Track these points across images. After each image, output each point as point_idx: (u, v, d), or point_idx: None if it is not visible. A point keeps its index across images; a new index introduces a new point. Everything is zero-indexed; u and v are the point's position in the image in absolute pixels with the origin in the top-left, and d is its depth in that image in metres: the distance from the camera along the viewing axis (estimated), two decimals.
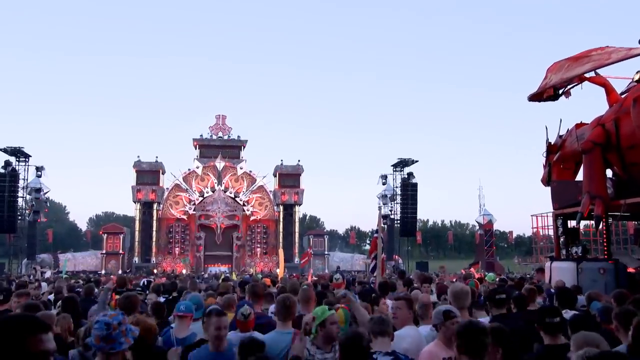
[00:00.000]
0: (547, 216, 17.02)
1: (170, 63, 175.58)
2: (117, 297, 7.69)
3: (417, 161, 47.54)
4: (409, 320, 4.89)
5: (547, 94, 14.38)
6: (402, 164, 47.92)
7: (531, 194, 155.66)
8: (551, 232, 16.24)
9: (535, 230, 19.87)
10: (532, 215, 18.02)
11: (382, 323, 4.07)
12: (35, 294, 9.30)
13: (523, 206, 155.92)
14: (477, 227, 56.98)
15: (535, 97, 14.65)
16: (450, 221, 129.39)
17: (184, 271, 40.50)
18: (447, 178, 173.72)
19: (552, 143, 15.71)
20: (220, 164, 50.55)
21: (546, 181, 15.60)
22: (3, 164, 40.86)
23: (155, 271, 38.57)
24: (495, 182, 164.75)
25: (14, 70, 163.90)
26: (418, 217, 50.42)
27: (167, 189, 50.58)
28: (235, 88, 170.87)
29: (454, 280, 14.90)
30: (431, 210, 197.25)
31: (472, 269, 35.92)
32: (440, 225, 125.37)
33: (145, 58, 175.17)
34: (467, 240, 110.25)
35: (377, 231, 11.43)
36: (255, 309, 6.29)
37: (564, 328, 4.52)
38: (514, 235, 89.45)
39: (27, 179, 42.67)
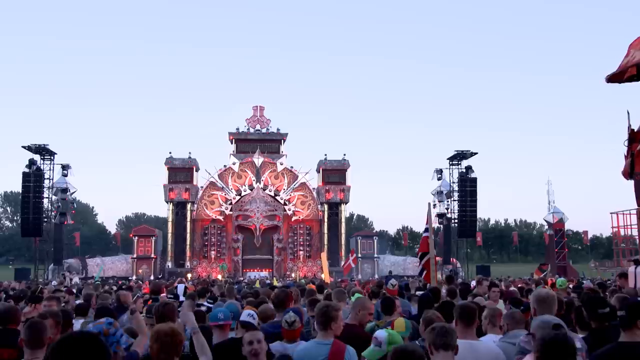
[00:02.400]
0: (629, 214, 16.51)
1: (202, 52, 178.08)
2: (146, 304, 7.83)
3: (476, 153, 46.77)
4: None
5: (628, 73, 13.80)
6: (460, 156, 47.20)
7: (610, 189, 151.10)
8: (634, 232, 15.72)
9: (615, 229, 19.29)
10: (611, 213, 17.54)
11: (446, 334, 3.96)
12: (65, 300, 9.57)
13: (600, 203, 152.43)
14: (546, 227, 55.76)
15: (615, 78, 14.08)
16: (515, 220, 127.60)
17: (219, 277, 40.96)
18: (511, 172, 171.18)
19: (636, 130, 15.15)
20: (258, 159, 50.95)
21: (628, 174, 15.01)
22: (27, 163, 41.74)
23: (189, 276, 39.15)
24: (567, 175, 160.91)
25: (38, 63, 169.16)
26: (478, 216, 49.64)
27: (202, 187, 51.30)
28: (273, 77, 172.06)
29: (519, 286, 14.57)
30: (493, 208, 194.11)
31: (536, 273, 35.10)
32: (503, 224, 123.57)
33: (176, 47, 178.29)
34: (534, 242, 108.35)
35: (427, 229, 11.05)
36: (277, 317, 6.30)
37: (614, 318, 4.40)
38: (590, 235, 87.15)
39: (52, 179, 43.62)
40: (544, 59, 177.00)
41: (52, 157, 43.63)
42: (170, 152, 51.02)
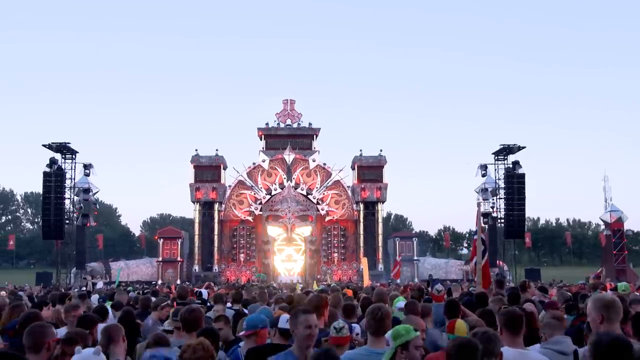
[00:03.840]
0: None
1: (229, 43, 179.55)
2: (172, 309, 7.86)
3: (524, 147, 46.14)
4: None
5: None
6: (506, 151, 46.64)
7: None
8: None
9: None
10: None
11: (489, 340, 3.90)
12: (88, 306, 9.67)
13: None
14: (603, 227, 54.75)
15: None
16: (568, 220, 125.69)
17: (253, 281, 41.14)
18: (563, 167, 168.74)
19: None
20: (289, 156, 51.11)
21: None
22: (48, 162, 42.37)
23: (214, 281, 39.51)
24: (625, 171, 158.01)
25: (58, 59, 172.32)
26: (527, 215, 48.98)
27: (230, 186, 51.67)
28: (304, 68, 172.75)
29: (575, 291, 14.30)
30: (543, 206, 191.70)
31: (593, 276, 34.45)
32: (554, 224, 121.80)
33: (201, 40, 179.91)
34: (589, 243, 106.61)
35: (476, 232, 11.07)
36: None
37: None
38: None
39: (74, 179, 44.27)
40: (598, 49, 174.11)
41: (73, 156, 44.29)
42: (196, 150, 51.62)
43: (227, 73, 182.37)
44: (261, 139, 53.52)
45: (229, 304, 10.51)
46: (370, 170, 51.77)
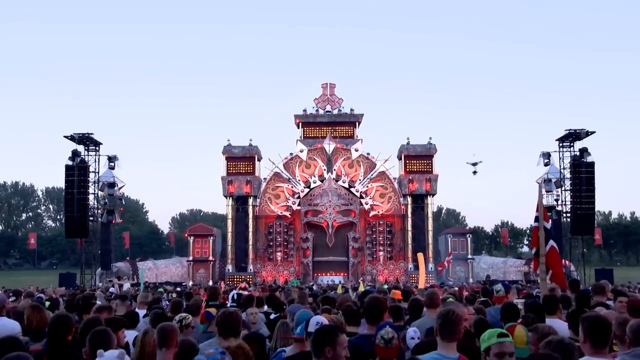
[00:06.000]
0: None
1: (261, 25, 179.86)
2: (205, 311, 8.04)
3: (593, 133, 45.31)
4: None
5: None
6: (573, 137, 45.90)
7: None
8: None
9: None
10: None
11: (565, 349, 3.91)
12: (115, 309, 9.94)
13: None
14: None
15: None
16: None
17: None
18: (638, 155, 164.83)
19: None
20: (329, 145, 51.18)
21: None
22: (70, 155, 42.99)
23: (249, 282, 39.89)
24: None
25: (80, 46, 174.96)
26: (596, 209, 48.16)
27: (265, 179, 51.97)
28: (344, 49, 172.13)
29: None
30: (615, 199, 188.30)
31: None
32: (629, 219, 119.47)
33: (232, 22, 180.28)
34: None
35: (537, 218, 10.12)
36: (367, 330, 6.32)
37: None
38: None
39: (98, 172, 44.99)
40: None
41: (97, 148, 45.05)
42: (228, 140, 52.00)
43: (260, 57, 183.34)
44: (298, 127, 53.65)
45: (265, 307, 10.71)
46: (418, 160, 51.48)
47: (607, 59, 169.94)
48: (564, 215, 46.72)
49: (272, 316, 9.99)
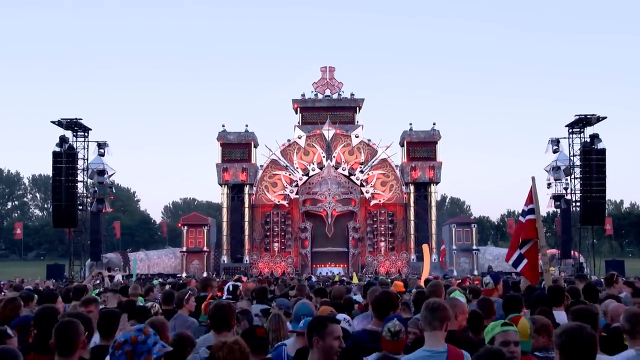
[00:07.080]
0: None
1: (257, 6, 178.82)
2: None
3: (604, 118, 45.27)
4: None
5: None
6: (583, 122, 45.87)
7: None
8: None
9: None
10: None
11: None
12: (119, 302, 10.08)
13: None
14: None
15: None
16: None
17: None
18: None
19: None
20: (329, 131, 51.17)
21: None
22: (58, 141, 42.69)
23: (246, 274, 39.95)
24: None
25: (66, 29, 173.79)
26: (607, 198, 48.20)
27: (261, 166, 52.05)
28: (344, 31, 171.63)
29: None
30: (627, 187, 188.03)
31: None
32: None
33: (226, 3, 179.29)
34: None
35: (531, 210, 9.25)
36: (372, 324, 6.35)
37: None
38: None
39: (87, 159, 44.82)
40: None
41: (86, 134, 44.85)
42: (223, 126, 52.04)
43: (256, 39, 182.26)
44: (296, 113, 53.67)
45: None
46: (421, 147, 51.55)
47: (617, 43, 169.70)
48: (574, 204, 46.72)
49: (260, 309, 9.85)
